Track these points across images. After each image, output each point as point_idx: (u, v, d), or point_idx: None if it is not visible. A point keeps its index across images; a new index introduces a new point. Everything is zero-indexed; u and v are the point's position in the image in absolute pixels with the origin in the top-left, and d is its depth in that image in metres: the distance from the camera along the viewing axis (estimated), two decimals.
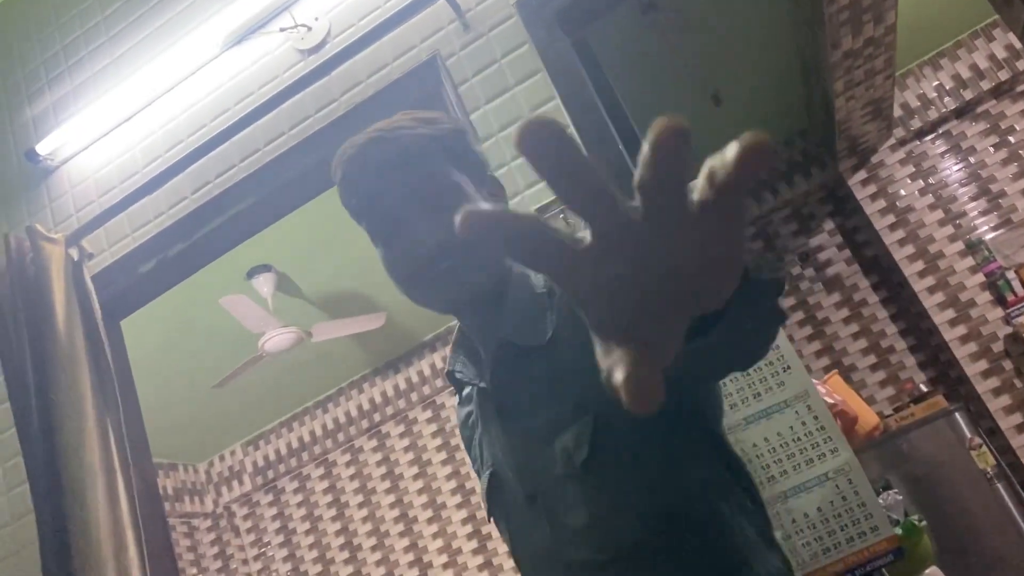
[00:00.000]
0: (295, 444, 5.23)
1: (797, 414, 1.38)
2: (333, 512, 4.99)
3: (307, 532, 5.05)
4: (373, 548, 4.87)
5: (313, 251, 3.66)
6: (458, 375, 1.02)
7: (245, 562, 5.18)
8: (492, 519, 1.01)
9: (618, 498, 0.88)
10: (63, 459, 1.70)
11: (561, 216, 1.54)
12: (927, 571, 2.28)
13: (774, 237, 4.36)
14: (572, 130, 1.58)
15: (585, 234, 0.41)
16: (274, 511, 5.21)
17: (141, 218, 2.02)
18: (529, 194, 1.66)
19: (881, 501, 2.05)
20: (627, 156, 1.63)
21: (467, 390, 1.05)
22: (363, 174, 0.96)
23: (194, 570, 4.96)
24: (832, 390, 2.93)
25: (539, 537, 0.92)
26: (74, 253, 1.93)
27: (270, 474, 5.24)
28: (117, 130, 2.09)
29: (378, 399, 5.14)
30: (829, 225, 4.30)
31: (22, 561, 1.90)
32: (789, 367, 1.41)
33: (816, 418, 1.37)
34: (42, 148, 2.10)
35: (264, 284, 3.86)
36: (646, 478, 0.87)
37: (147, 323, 2.64)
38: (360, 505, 4.94)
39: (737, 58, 3.48)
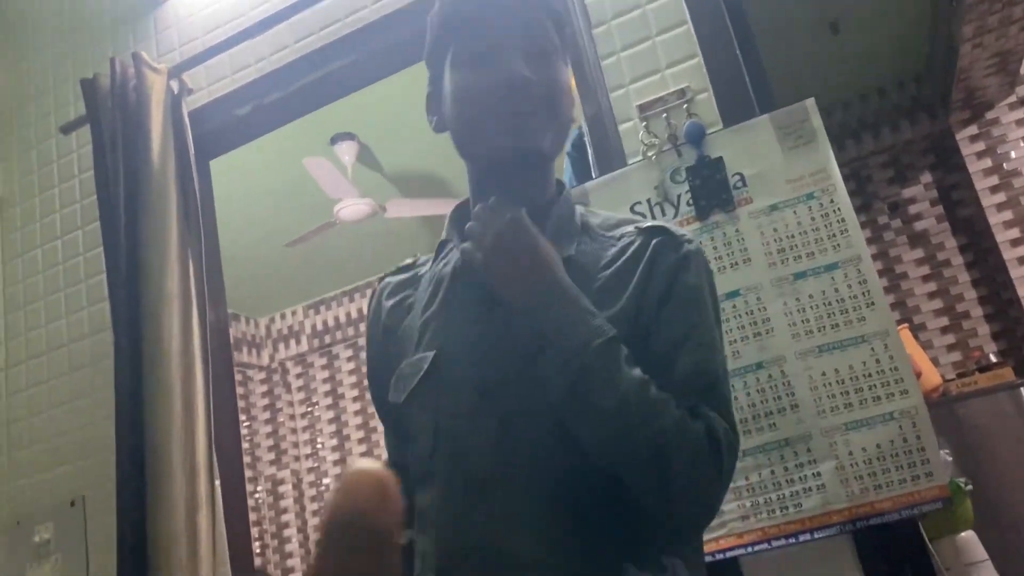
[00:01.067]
0: (354, 314, 5.36)
1: (873, 351, 1.35)
2: None
3: (354, 399, 5.24)
4: None
5: (398, 127, 3.65)
6: (451, 244, 0.98)
7: (292, 417, 5.41)
8: (404, 401, 0.93)
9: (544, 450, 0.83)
10: (144, 282, 1.77)
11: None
12: (963, 534, 2.26)
13: (866, 182, 4.20)
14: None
15: None
16: (326, 374, 5.40)
17: (242, 61, 2.02)
18: (634, 89, 1.61)
19: None
20: (742, 62, 1.57)
21: (417, 272, 1.03)
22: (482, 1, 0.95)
23: (244, 417, 5.20)
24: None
25: (480, 433, 0.86)
26: (174, 86, 1.96)
27: (327, 339, 5.40)
28: None
29: None
30: (927, 178, 4.12)
31: (97, 373, 2.01)
32: (873, 303, 1.37)
33: (892, 358, 1.34)
34: None
35: (346, 152, 3.88)
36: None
37: (229, 171, 2.68)
38: None
39: None
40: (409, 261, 1.07)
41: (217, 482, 1.74)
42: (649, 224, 0.94)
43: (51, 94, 2.28)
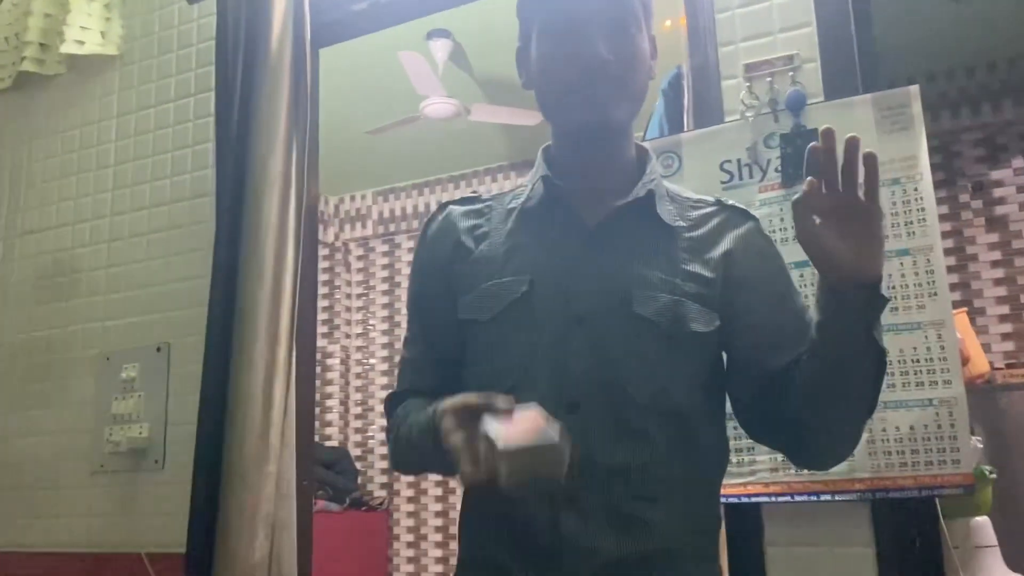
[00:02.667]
0: (420, 207, 5.49)
1: (926, 338, 1.42)
2: None
3: None
4: None
5: (493, 32, 3.67)
6: (555, 180, 1.08)
7: (348, 296, 5.62)
8: (490, 319, 1.02)
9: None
10: (251, 159, 1.89)
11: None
12: (978, 518, 2.35)
13: (953, 156, 4.13)
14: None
15: None
16: (385, 260, 5.57)
17: None
18: (743, 47, 1.65)
19: None
20: (855, 37, 1.58)
21: (487, 205, 1.14)
22: None
23: None
24: (955, 325, 2.89)
25: (576, 356, 0.97)
26: None
27: (391, 227, 5.55)
28: None
29: (506, 189, 5.28)
30: (1019, 163, 4.03)
31: (192, 234, 2.15)
32: (936, 293, 1.43)
33: (943, 348, 1.41)
34: None
35: (440, 50, 3.92)
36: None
37: (324, 54, 2.74)
38: None
39: None
40: (475, 194, 1.18)
41: (293, 353, 1.90)
42: (731, 203, 1.12)
43: None
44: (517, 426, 0.80)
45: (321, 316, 5.52)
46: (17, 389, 2.35)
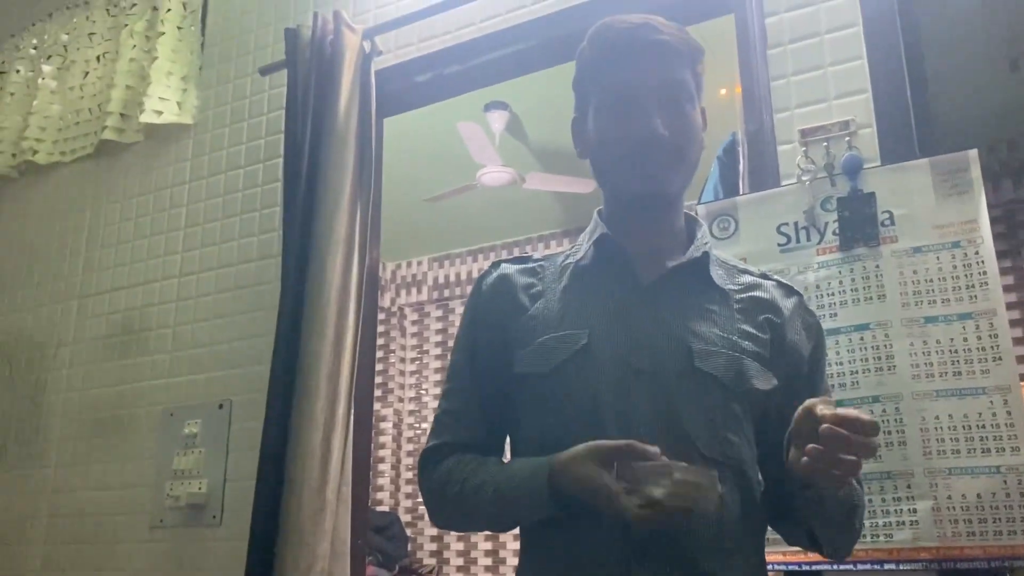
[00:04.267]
0: (475, 273, 5.55)
1: (991, 404, 1.39)
2: None
3: None
4: None
5: (549, 103, 3.76)
6: (613, 239, 1.11)
7: (403, 360, 5.68)
8: (551, 371, 1.04)
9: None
10: (317, 222, 1.96)
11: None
12: None
13: (1017, 227, 4.06)
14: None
15: None
16: (439, 326, 5.63)
17: (429, 31, 2.18)
18: (799, 113, 1.67)
19: None
20: (911, 103, 1.60)
21: (539, 264, 1.17)
22: (627, 51, 1.08)
23: None
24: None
25: (636, 409, 0.99)
26: (366, 46, 2.13)
27: (446, 292, 5.63)
28: None
29: None
30: None
31: (257, 294, 2.23)
32: (1001, 359, 1.40)
33: (1009, 414, 1.38)
34: None
35: (497, 120, 4.04)
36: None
37: (388, 124, 2.84)
38: None
39: None
40: (526, 255, 1.22)
41: (352, 411, 1.93)
42: (776, 277, 1.18)
43: (253, 36, 2.50)
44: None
45: (375, 379, 5.57)
46: (84, 443, 2.42)
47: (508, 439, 1.15)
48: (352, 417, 1.91)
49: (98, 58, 2.76)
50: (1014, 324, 3.96)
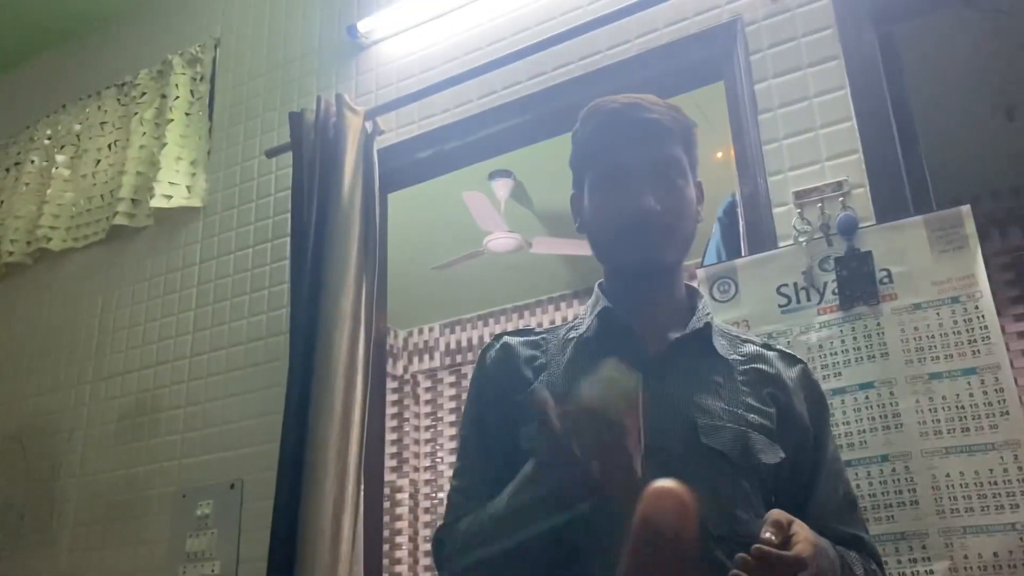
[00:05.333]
0: (486, 338, 5.56)
1: (1002, 459, 1.37)
2: None
3: None
4: None
5: (552, 170, 3.81)
6: (616, 312, 1.13)
7: (417, 428, 5.65)
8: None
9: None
10: (324, 298, 1.98)
11: None
12: None
13: None
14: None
15: None
16: (453, 392, 5.62)
17: (429, 110, 2.24)
18: (792, 175, 1.70)
19: None
20: (902, 161, 1.63)
21: (542, 337, 1.19)
22: (618, 131, 1.12)
23: None
24: None
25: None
26: (368, 126, 2.18)
27: (458, 358, 5.63)
28: (426, 25, 2.30)
29: (569, 317, 5.34)
30: None
31: (267, 372, 2.25)
32: (1008, 412, 1.40)
33: (1021, 469, 1.36)
34: (362, 26, 2.36)
35: (501, 188, 4.10)
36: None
37: (393, 197, 2.89)
38: None
39: None
40: (528, 328, 1.25)
41: (361, 487, 1.92)
42: (779, 346, 1.19)
43: (259, 120, 2.57)
44: None
45: (390, 450, 5.54)
46: (97, 528, 2.41)
47: None
48: (362, 494, 1.91)
49: (109, 146, 2.84)
50: None
